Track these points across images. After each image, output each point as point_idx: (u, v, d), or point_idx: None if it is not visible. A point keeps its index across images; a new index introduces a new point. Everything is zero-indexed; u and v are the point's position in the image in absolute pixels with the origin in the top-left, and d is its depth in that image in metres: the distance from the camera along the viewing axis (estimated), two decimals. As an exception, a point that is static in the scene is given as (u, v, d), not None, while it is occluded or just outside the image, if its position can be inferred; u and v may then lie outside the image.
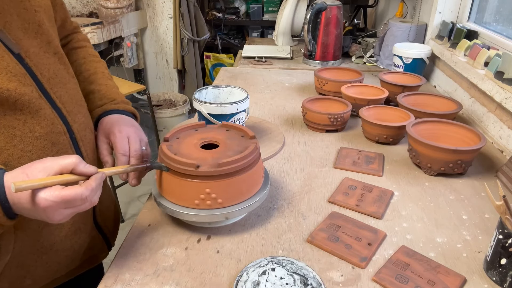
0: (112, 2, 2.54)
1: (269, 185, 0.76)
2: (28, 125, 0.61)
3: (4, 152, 0.59)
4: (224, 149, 0.72)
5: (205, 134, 0.77)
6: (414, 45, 1.51)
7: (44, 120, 0.63)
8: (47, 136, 0.63)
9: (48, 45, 0.67)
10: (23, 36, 0.63)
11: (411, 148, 0.94)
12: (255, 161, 0.71)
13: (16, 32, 0.62)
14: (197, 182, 0.66)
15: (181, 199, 0.69)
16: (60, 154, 0.65)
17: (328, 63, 1.71)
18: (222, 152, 0.71)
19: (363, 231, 0.72)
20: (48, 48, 0.67)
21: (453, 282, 0.61)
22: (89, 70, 0.83)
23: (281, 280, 0.60)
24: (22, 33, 0.63)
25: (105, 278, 0.63)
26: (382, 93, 1.20)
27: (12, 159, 0.60)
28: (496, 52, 1.13)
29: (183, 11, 2.71)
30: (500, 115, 1.08)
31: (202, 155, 0.69)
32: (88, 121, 0.75)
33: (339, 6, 1.66)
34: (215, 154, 0.70)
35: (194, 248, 0.69)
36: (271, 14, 3.20)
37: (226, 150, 0.71)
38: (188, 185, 0.67)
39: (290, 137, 1.08)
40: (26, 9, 0.64)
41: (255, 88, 1.45)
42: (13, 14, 0.62)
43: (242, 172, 0.68)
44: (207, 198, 0.67)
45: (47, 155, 0.63)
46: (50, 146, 0.64)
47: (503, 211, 0.60)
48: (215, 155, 0.70)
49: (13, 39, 0.61)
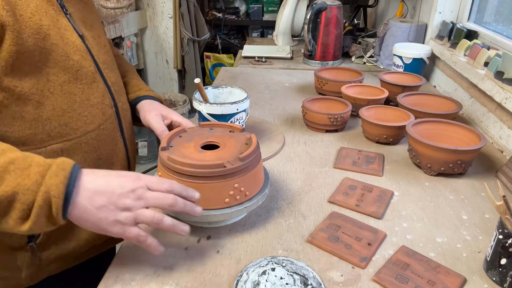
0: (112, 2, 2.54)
1: (269, 185, 0.76)
2: (85, 93, 0.72)
3: (66, 114, 0.69)
4: (227, 146, 0.73)
5: (196, 137, 0.76)
6: (414, 45, 1.51)
7: (97, 91, 0.74)
8: (98, 105, 0.74)
9: (99, 38, 0.80)
10: (82, 26, 0.75)
11: (411, 148, 0.94)
12: (260, 151, 0.74)
13: (78, 21, 0.74)
14: (226, 180, 0.67)
15: (211, 203, 0.68)
16: (108, 124, 0.77)
17: (328, 63, 1.71)
18: (228, 149, 0.72)
19: (363, 231, 0.72)
20: (100, 41, 0.80)
21: (453, 282, 0.61)
22: (123, 66, 0.97)
23: (281, 280, 0.60)
24: (82, 23, 0.75)
25: (105, 278, 0.63)
26: (382, 93, 1.20)
27: (71, 121, 0.70)
28: (496, 52, 1.13)
29: (183, 11, 2.71)
30: (500, 115, 1.08)
31: (209, 156, 0.70)
32: (127, 106, 0.86)
33: (339, 6, 1.66)
34: (220, 152, 0.71)
35: (194, 248, 0.69)
36: (271, 14, 3.21)
37: (230, 146, 0.72)
38: (217, 187, 0.67)
39: (290, 137, 1.08)
40: (86, 3, 0.80)
41: (255, 88, 1.45)
42: (76, 5, 0.76)
43: (257, 161, 0.71)
44: (236, 193, 0.68)
45: (98, 121, 0.74)
46: (101, 115, 0.75)
47: (503, 211, 0.60)
48: (220, 154, 0.70)
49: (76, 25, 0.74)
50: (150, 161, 2.83)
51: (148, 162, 2.82)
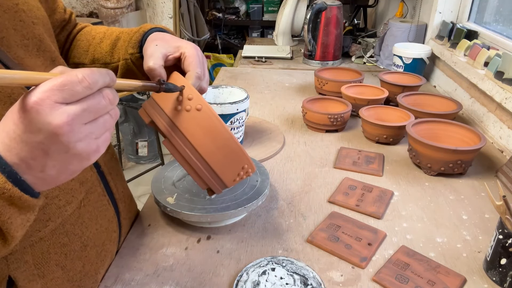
0: (112, 2, 2.54)
1: (269, 185, 0.76)
2: None
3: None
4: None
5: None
6: (414, 45, 1.51)
7: None
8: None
9: (53, 64, 0.58)
10: (25, 55, 0.54)
11: (411, 148, 0.94)
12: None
13: (16, 50, 0.52)
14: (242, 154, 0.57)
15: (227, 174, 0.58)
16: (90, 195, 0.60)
17: (328, 63, 1.71)
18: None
19: (363, 231, 0.72)
20: (54, 67, 0.58)
21: (453, 282, 0.61)
22: (102, 29, 0.74)
23: (281, 280, 0.60)
24: (23, 51, 0.54)
25: (105, 278, 0.63)
26: (382, 93, 1.20)
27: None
28: (496, 52, 1.13)
29: (183, 11, 2.71)
30: (500, 115, 1.08)
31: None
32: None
33: (339, 6, 1.66)
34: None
35: (194, 248, 0.69)
36: (271, 14, 3.20)
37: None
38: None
39: (290, 137, 1.08)
40: (23, 21, 0.55)
41: (255, 88, 1.45)
42: (9, 27, 0.52)
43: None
44: (244, 173, 0.59)
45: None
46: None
47: (503, 211, 0.60)
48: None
49: (14, 58, 0.51)
50: (150, 161, 2.83)
51: (148, 162, 2.82)
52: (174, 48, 0.61)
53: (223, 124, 0.54)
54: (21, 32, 0.54)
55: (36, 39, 0.57)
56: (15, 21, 0.54)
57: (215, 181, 0.57)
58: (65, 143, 0.38)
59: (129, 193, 0.75)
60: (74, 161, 0.40)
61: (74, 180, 0.57)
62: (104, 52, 0.70)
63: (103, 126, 0.41)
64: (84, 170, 0.53)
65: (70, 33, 0.76)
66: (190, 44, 0.62)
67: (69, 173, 0.41)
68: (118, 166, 0.71)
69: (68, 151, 0.39)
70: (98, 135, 0.41)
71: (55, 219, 0.54)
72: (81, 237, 0.59)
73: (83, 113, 0.38)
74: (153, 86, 0.51)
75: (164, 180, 0.78)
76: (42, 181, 0.41)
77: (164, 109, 0.54)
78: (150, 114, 0.56)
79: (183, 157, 0.55)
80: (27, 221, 0.42)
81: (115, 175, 0.68)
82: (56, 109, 0.37)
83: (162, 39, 0.63)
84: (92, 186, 0.61)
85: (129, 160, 2.87)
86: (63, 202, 0.55)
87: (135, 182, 2.45)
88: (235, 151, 0.56)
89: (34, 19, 0.58)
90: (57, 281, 0.56)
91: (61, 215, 0.55)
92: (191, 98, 0.53)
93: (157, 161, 2.82)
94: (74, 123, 0.37)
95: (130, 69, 0.68)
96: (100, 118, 0.40)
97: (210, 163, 0.55)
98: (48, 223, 0.53)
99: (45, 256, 0.54)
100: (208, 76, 0.63)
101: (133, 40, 0.66)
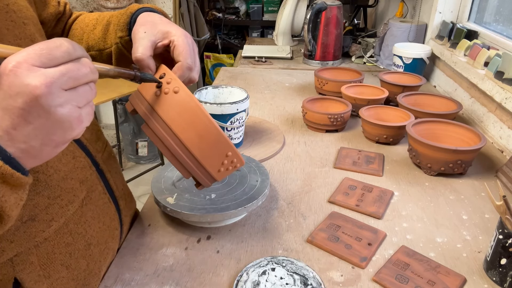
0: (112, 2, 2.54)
1: (269, 185, 0.76)
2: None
3: None
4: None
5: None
6: (414, 45, 1.51)
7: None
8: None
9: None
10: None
11: (411, 148, 0.94)
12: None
13: None
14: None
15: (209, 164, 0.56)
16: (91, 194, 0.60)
17: (328, 63, 1.71)
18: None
19: (363, 231, 0.72)
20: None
21: (453, 282, 0.61)
22: (95, 15, 0.73)
23: (281, 280, 0.60)
24: None
25: (105, 278, 0.63)
26: (382, 93, 1.20)
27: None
28: (496, 52, 1.13)
29: (183, 11, 2.71)
30: (500, 115, 1.08)
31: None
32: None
33: (339, 6, 1.66)
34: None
35: (194, 248, 0.69)
36: (271, 14, 3.21)
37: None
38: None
39: (290, 137, 1.08)
40: (14, 21, 0.55)
41: (255, 88, 1.45)
42: (2, 28, 0.53)
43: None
44: (229, 163, 0.57)
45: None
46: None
47: (503, 211, 0.60)
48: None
49: None
50: (150, 161, 2.83)
51: (148, 162, 2.82)
52: (163, 34, 0.59)
53: (201, 107, 0.53)
54: (13, 32, 0.55)
55: (28, 39, 0.57)
56: (7, 21, 0.54)
57: (197, 169, 0.55)
58: (45, 106, 0.37)
59: (129, 191, 0.75)
60: (57, 131, 0.40)
61: (74, 180, 0.57)
62: (97, 38, 0.69)
63: (84, 96, 0.41)
64: (83, 169, 0.59)
65: (66, 24, 0.75)
66: (180, 30, 0.60)
67: (53, 145, 0.41)
68: (116, 164, 0.72)
69: (49, 117, 0.38)
70: (80, 104, 0.40)
71: (58, 218, 0.55)
72: (84, 236, 0.60)
73: (62, 77, 0.38)
74: (129, 74, 0.51)
75: (164, 180, 0.78)
76: (27, 155, 0.40)
77: (145, 96, 0.54)
78: (133, 104, 0.56)
79: (161, 142, 0.54)
80: (20, 199, 0.42)
81: (114, 173, 0.68)
82: (35, 71, 0.37)
83: (152, 22, 0.60)
84: (92, 185, 0.61)
85: (129, 160, 2.87)
86: (65, 202, 0.56)
87: (135, 182, 2.45)
88: (215, 135, 0.54)
89: (25, 19, 0.58)
90: (63, 280, 0.57)
91: (64, 214, 0.56)
92: (169, 81, 0.53)
93: (157, 161, 2.82)
94: (52, 86, 0.37)
95: (123, 53, 0.66)
96: (80, 87, 0.40)
97: (189, 147, 0.53)
98: (51, 223, 0.54)
99: (50, 256, 0.55)
100: (199, 65, 0.61)
101: (121, 22, 0.64)
